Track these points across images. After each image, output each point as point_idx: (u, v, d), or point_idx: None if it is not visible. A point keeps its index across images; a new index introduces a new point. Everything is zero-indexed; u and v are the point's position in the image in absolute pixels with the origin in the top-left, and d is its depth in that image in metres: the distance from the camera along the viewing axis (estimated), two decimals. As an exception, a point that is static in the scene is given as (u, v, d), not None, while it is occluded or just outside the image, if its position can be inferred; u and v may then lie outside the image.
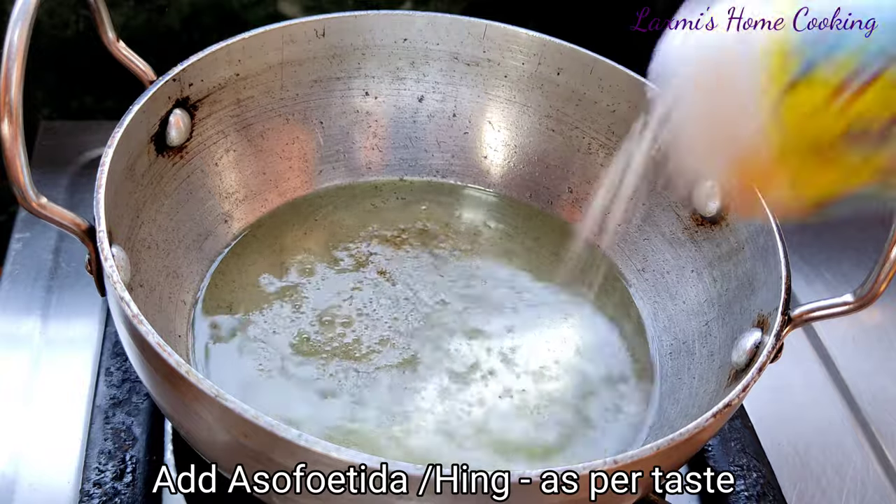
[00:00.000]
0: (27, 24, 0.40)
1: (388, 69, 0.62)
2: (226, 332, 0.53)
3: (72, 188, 0.69)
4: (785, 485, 0.56)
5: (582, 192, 0.62)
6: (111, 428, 0.52)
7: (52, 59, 0.76)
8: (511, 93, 0.63)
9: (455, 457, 0.48)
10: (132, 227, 0.50)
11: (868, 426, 0.61)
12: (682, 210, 0.58)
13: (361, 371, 0.52)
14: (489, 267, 0.59)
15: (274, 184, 0.61)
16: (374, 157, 0.64)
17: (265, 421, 0.37)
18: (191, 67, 0.54)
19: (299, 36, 0.59)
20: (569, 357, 0.55)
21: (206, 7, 0.76)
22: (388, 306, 0.56)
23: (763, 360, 0.44)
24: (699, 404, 0.50)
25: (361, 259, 0.59)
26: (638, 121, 0.53)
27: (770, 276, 0.49)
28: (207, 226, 0.57)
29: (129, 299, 0.41)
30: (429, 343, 0.54)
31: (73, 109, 0.79)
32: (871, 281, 0.43)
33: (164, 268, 0.53)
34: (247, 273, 0.56)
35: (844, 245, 0.74)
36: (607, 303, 0.59)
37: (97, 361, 0.57)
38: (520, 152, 0.64)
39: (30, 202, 0.41)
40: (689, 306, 0.56)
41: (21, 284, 0.62)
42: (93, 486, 0.50)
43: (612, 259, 0.61)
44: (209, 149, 0.57)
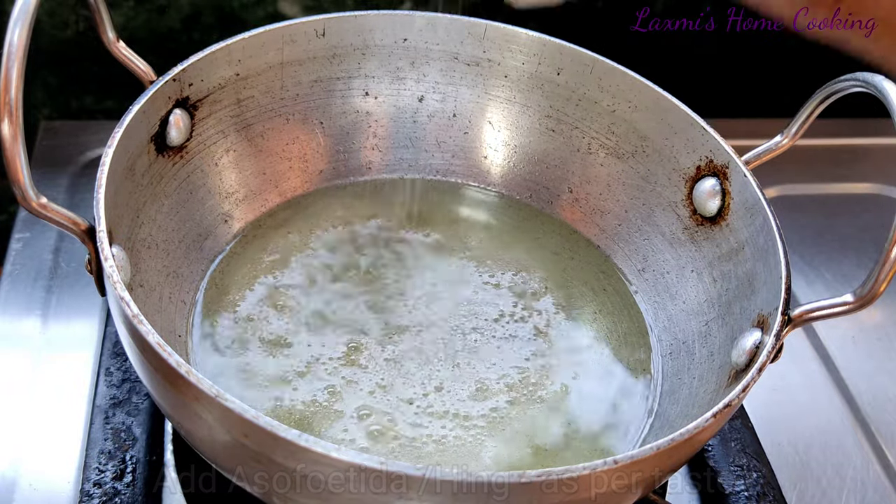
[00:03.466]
0: (27, 24, 0.40)
1: (388, 69, 0.62)
2: (226, 332, 0.53)
3: (72, 188, 0.69)
4: (785, 485, 0.56)
5: (582, 192, 0.62)
6: (111, 428, 0.52)
7: (52, 59, 0.76)
8: (511, 93, 0.63)
9: (462, 450, 0.49)
10: (132, 227, 0.50)
11: (868, 426, 0.61)
12: (682, 210, 0.58)
13: (361, 370, 0.52)
14: (489, 267, 0.59)
15: (274, 184, 0.61)
16: (374, 157, 0.64)
17: (265, 421, 0.37)
18: (191, 67, 0.54)
19: (299, 36, 0.59)
20: (568, 357, 0.55)
21: (206, 7, 0.76)
22: (388, 306, 0.56)
23: (763, 360, 0.44)
24: (699, 404, 0.50)
25: (362, 259, 0.59)
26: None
27: (770, 276, 0.49)
28: (207, 226, 0.57)
29: (129, 299, 0.41)
30: (429, 342, 0.54)
31: (73, 109, 0.79)
32: (871, 281, 0.43)
33: (164, 268, 0.53)
34: (247, 273, 0.56)
35: (844, 245, 0.74)
36: (607, 303, 0.59)
37: (97, 361, 0.57)
38: (520, 152, 0.64)
39: (30, 202, 0.41)
40: (689, 306, 0.56)
41: (21, 284, 0.62)
42: (93, 486, 0.50)
43: (612, 259, 0.61)
44: (209, 149, 0.57)
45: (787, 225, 0.50)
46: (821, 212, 0.77)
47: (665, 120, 0.58)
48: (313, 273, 0.57)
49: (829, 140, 0.82)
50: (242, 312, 0.54)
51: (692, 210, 0.57)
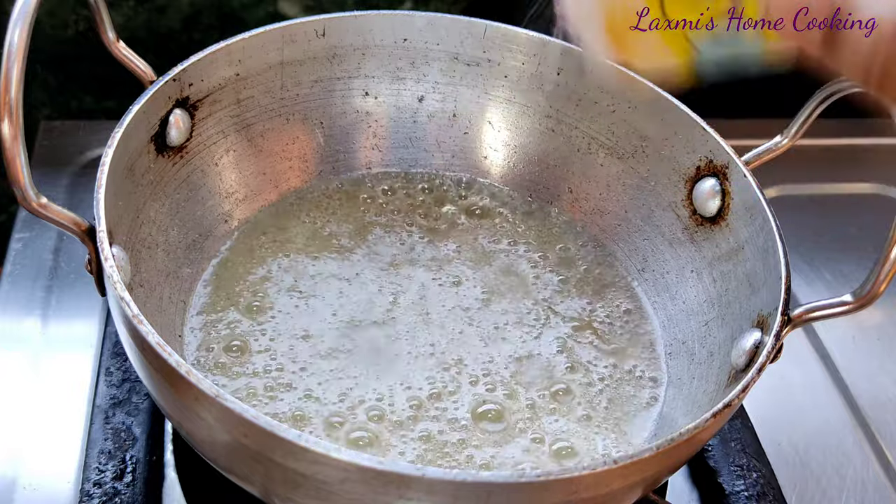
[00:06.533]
0: (27, 24, 0.40)
1: (388, 69, 0.62)
2: (226, 331, 0.53)
3: (72, 188, 0.69)
4: (785, 485, 0.56)
5: (582, 191, 0.62)
6: (111, 428, 0.52)
7: (52, 59, 0.76)
8: (511, 93, 0.63)
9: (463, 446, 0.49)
10: (132, 227, 0.50)
11: (868, 426, 0.61)
12: (681, 210, 0.58)
13: (362, 369, 0.52)
14: (489, 266, 0.59)
15: (274, 184, 0.61)
16: (374, 157, 0.64)
17: (265, 421, 0.37)
18: (191, 67, 0.54)
19: (299, 36, 0.59)
20: (567, 356, 0.55)
21: (206, 7, 0.76)
22: (388, 306, 0.56)
23: (763, 360, 0.44)
24: (699, 404, 0.50)
25: (362, 259, 0.59)
26: None
27: (770, 276, 0.49)
28: (207, 226, 0.57)
29: (129, 299, 0.41)
30: (428, 341, 0.54)
31: (73, 109, 0.79)
32: (871, 281, 0.43)
33: (164, 268, 0.53)
34: (247, 273, 0.56)
35: (844, 245, 0.74)
36: (606, 302, 0.58)
37: (97, 361, 0.57)
38: (520, 152, 0.64)
39: (30, 202, 0.41)
40: (688, 306, 0.56)
41: (21, 284, 0.62)
42: (93, 486, 0.50)
43: (611, 259, 0.61)
44: (209, 149, 0.57)
45: (787, 225, 0.50)
46: (821, 212, 0.77)
47: (665, 120, 0.58)
48: (314, 273, 0.57)
49: (829, 140, 0.82)
50: (243, 312, 0.54)
51: (692, 210, 0.57)
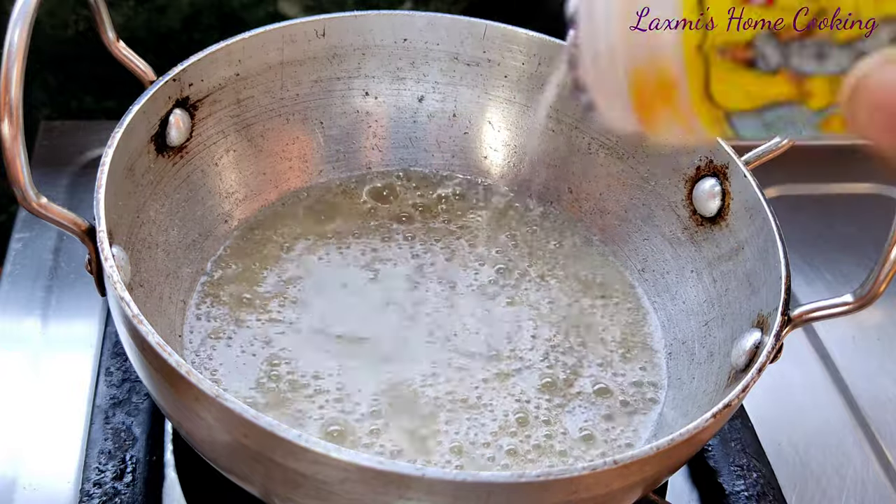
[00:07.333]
0: (27, 24, 0.40)
1: (388, 69, 0.62)
2: (227, 331, 0.53)
3: (72, 188, 0.69)
4: (785, 485, 0.56)
5: (582, 191, 0.62)
6: (111, 428, 0.52)
7: (52, 59, 0.76)
8: (511, 93, 0.63)
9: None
10: (132, 227, 0.50)
11: (868, 426, 0.61)
12: (681, 210, 0.58)
13: (362, 369, 0.52)
14: (489, 266, 0.59)
15: (274, 184, 0.61)
16: (374, 157, 0.64)
17: (265, 421, 0.37)
18: (191, 67, 0.54)
19: (299, 36, 0.59)
20: (567, 356, 0.55)
21: (206, 7, 0.76)
22: (388, 305, 0.56)
23: (763, 360, 0.44)
24: (699, 405, 0.50)
25: (362, 259, 0.59)
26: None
27: (770, 276, 0.49)
28: (207, 226, 0.57)
29: (129, 299, 0.41)
30: (428, 341, 0.54)
31: (73, 109, 0.79)
32: (871, 281, 0.43)
33: (164, 268, 0.53)
34: (247, 273, 0.56)
35: (844, 245, 0.74)
36: (606, 303, 0.58)
37: (97, 361, 0.57)
38: (520, 152, 0.64)
39: (30, 202, 0.41)
40: (688, 306, 0.56)
41: (21, 284, 0.62)
42: (93, 486, 0.50)
43: (611, 259, 0.61)
44: (209, 149, 0.57)
45: (787, 225, 0.50)
46: (821, 212, 0.77)
47: (665, 120, 0.58)
48: (314, 272, 0.57)
49: (829, 140, 0.82)
50: (244, 312, 0.54)
51: (692, 210, 0.57)
